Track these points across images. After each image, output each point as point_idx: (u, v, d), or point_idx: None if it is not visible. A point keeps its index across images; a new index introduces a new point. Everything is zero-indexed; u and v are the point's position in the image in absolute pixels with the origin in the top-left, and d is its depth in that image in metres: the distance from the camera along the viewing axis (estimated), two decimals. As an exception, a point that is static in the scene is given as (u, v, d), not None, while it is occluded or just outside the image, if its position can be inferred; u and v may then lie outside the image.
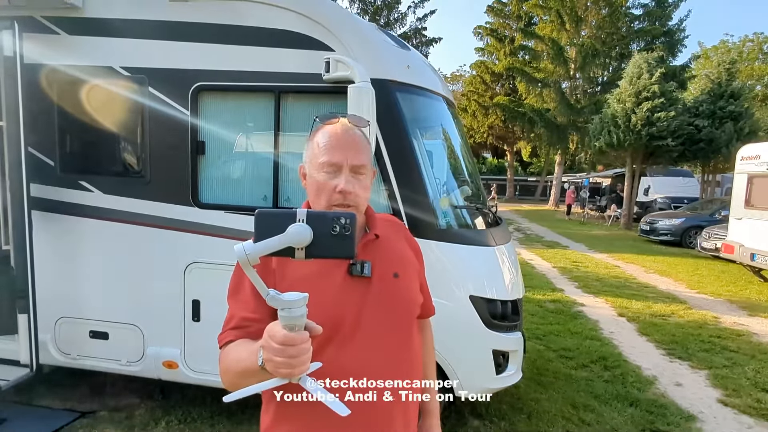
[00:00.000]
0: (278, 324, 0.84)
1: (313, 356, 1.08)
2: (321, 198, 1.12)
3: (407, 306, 1.21)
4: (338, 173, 1.10)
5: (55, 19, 2.96)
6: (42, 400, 3.37)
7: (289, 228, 0.82)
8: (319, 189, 1.12)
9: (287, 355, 0.83)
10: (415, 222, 2.76)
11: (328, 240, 0.85)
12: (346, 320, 1.10)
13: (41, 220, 3.04)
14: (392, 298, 1.17)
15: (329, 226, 0.85)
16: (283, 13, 2.78)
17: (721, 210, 12.82)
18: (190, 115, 2.90)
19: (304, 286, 1.09)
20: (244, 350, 0.99)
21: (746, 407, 3.78)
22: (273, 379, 0.88)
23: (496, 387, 2.98)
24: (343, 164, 1.11)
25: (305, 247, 0.84)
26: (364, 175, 1.15)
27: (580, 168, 35.10)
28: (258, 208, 0.87)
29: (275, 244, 0.82)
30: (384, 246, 1.21)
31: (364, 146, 1.17)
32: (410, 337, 1.21)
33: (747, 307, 6.96)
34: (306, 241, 0.83)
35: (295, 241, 0.82)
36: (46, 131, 3.04)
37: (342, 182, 1.10)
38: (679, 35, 25.78)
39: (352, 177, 1.11)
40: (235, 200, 3.01)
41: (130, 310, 3.08)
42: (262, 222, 0.85)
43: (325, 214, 0.87)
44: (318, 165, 1.12)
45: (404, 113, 2.83)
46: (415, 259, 1.30)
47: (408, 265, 1.26)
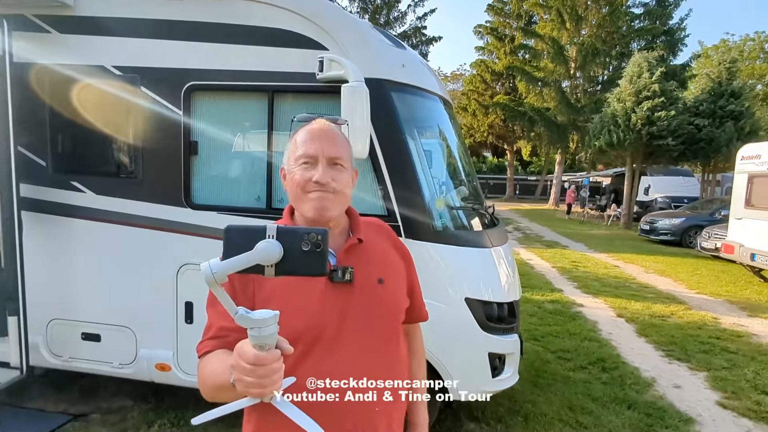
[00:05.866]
0: (249, 343, 0.81)
1: (294, 363, 1.06)
2: (299, 194, 1.11)
3: (391, 312, 1.19)
4: (314, 165, 1.10)
5: (45, 17, 2.92)
6: (34, 403, 3.34)
7: (258, 245, 0.80)
8: (296, 185, 1.11)
9: (258, 375, 0.81)
10: (410, 223, 2.72)
11: (299, 256, 0.82)
12: (328, 328, 1.08)
13: (32, 221, 3.00)
14: (376, 304, 1.14)
15: (300, 242, 0.82)
16: (277, 11, 2.75)
17: (721, 210, 12.78)
18: (183, 114, 2.86)
19: (283, 294, 1.07)
20: (219, 364, 0.96)
21: (745, 410, 3.74)
22: (244, 399, 0.86)
23: (492, 390, 2.94)
24: (319, 155, 1.10)
25: (275, 264, 0.81)
26: (343, 168, 1.13)
27: (581, 167, 35.02)
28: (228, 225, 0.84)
29: (243, 262, 0.79)
30: (368, 251, 1.18)
31: (341, 141, 1.16)
32: (394, 344, 1.19)
33: (747, 307, 6.93)
34: (275, 258, 0.80)
35: (264, 258, 0.80)
36: (37, 131, 3.00)
37: (318, 173, 1.09)
38: (680, 34, 25.79)
39: (329, 168, 1.10)
40: (228, 201, 2.97)
41: (123, 312, 3.04)
42: (231, 238, 0.82)
43: (297, 229, 0.84)
44: (295, 160, 1.12)
45: (399, 113, 2.79)
46: (402, 264, 1.27)
47: (393, 271, 1.23)
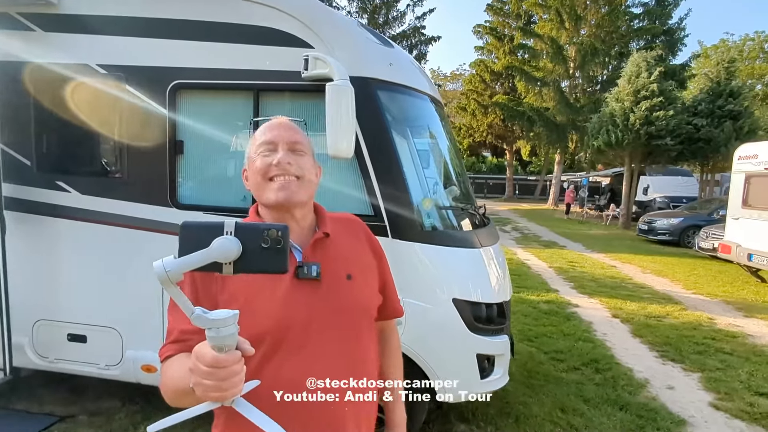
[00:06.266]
0: (207, 344, 0.78)
1: (259, 364, 1.03)
2: (261, 182, 1.11)
3: (361, 309, 1.16)
4: (275, 151, 1.11)
5: (30, 15, 2.89)
6: (20, 404, 3.31)
7: (214, 242, 0.75)
8: (257, 172, 1.11)
9: (217, 378, 0.78)
10: (397, 223, 2.68)
11: (258, 253, 0.78)
12: (294, 326, 1.05)
13: (17, 221, 2.98)
14: (344, 300, 1.12)
15: (260, 239, 0.78)
16: (263, 9, 2.72)
17: (719, 209, 12.73)
18: (168, 113, 2.83)
19: (247, 293, 1.05)
20: (179, 368, 0.93)
21: (738, 411, 3.71)
22: (203, 404, 0.83)
23: (481, 391, 2.89)
24: (279, 141, 1.11)
25: (233, 262, 0.77)
26: (304, 153, 1.14)
27: (580, 167, 34.99)
28: (184, 221, 0.80)
29: (199, 260, 0.75)
30: (336, 246, 1.16)
31: (301, 133, 1.17)
32: (364, 341, 1.16)
33: (743, 308, 6.90)
34: (233, 256, 0.76)
35: (221, 255, 0.75)
36: (22, 130, 2.97)
37: (279, 155, 1.10)
38: (679, 34, 25.74)
39: (290, 153, 1.11)
40: (213, 201, 2.94)
41: (108, 312, 3.01)
42: (187, 235, 0.77)
43: (256, 225, 0.80)
44: (255, 150, 1.13)
45: (386, 111, 2.76)
46: (373, 259, 1.25)
47: (364, 266, 1.21)
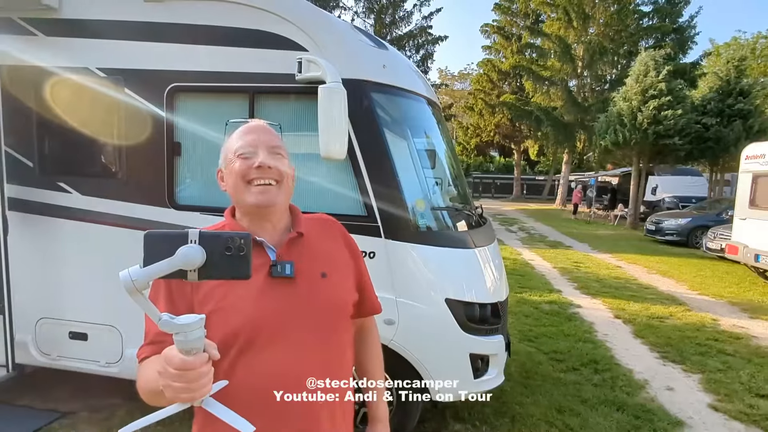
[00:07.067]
0: (175, 348, 0.81)
1: (234, 359, 1.06)
2: (240, 185, 1.12)
3: (336, 306, 1.19)
4: (255, 154, 1.11)
5: (32, 20, 2.96)
6: (23, 400, 3.38)
7: (179, 250, 0.78)
8: (237, 175, 1.11)
9: (186, 380, 0.81)
10: (390, 223, 2.71)
11: (221, 261, 0.81)
12: (267, 324, 1.08)
13: (19, 222, 3.05)
14: (318, 298, 1.15)
15: (223, 247, 0.81)
16: (257, 13, 2.76)
17: (728, 210, 12.57)
18: (166, 115, 2.88)
19: (221, 293, 1.08)
20: (153, 370, 0.96)
21: (737, 413, 3.69)
22: (173, 405, 0.86)
23: (475, 391, 2.91)
24: (259, 144, 1.12)
25: (198, 269, 0.80)
26: (283, 157, 1.15)
27: (589, 167, 34.74)
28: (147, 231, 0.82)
29: (164, 268, 0.78)
30: (310, 245, 1.19)
31: (279, 137, 1.18)
32: (338, 337, 1.19)
33: (749, 309, 6.83)
34: (197, 263, 0.79)
35: (186, 263, 0.79)
36: (24, 132, 3.05)
37: (260, 158, 1.10)
38: (690, 32, 25.39)
39: (270, 156, 1.12)
40: (210, 202, 2.97)
41: (108, 311, 3.06)
42: (151, 244, 0.80)
43: (219, 234, 0.83)
44: (233, 152, 1.13)
45: (379, 113, 2.79)
46: (350, 258, 1.27)
47: (339, 265, 1.23)
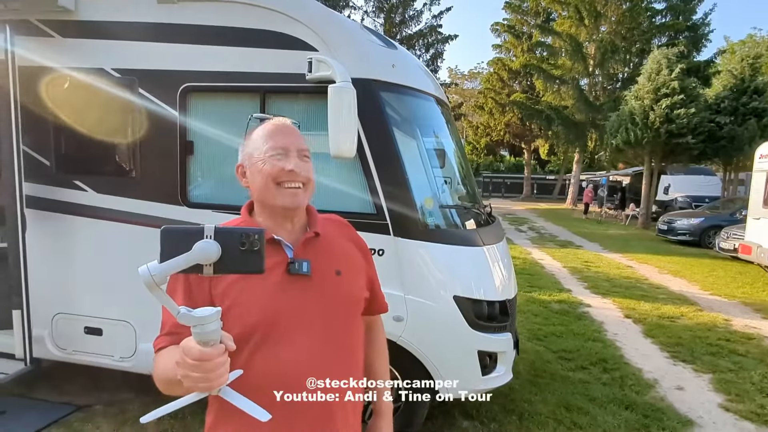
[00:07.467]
0: (193, 340, 0.83)
1: (251, 353, 1.09)
2: (271, 186, 1.13)
3: (349, 302, 1.22)
4: (286, 156, 1.13)
5: (48, 22, 3.02)
6: (40, 393, 3.46)
7: (196, 245, 0.81)
8: (268, 176, 1.13)
9: (203, 370, 0.83)
10: (399, 222, 2.74)
11: (236, 255, 0.84)
12: (284, 317, 1.11)
13: (37, 219, 3.12)
14: (333, 294, 1.17)
15: (238, 242, 0.84)
16: (268, 14, 2.80)
17: (742, 209, 12.37)
18: (179, 115, 2.94)
19: (239, 288, 1.11)
20: (170, 360, 0.98)
21: (748, 413, 3.67)
22: (191, 395, 0.89)
23: (483, 388, 2.94)
24: (290, 147, 1.14)
25: (213, 264, 0.83)
26: (309, 160, 1.18)
27: (600, 166, 34.45)
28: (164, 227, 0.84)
29: (182, 263, 0.81)
30: (325, 244, 1.21)
31: (305, 140, 1.19)
32: (352, 333, 1.22)
33: (762, 309, 6.75)
34: (213, 258, 0.82)
35: (202, 258, 0.81)
36: (41, 132, 3.11)
37: (292, 163, 1.12)
38: (704, 30, 25.05)
39: (299, 159, 1.14)
40: (223, 199, 3.02)
41: (123, 307, 3.13)
42: (168, 240, 0.82)
43: (234, 230, 0.86)
44: (263, 152, 1.14)
45: (388, 112, 2.82)
46: (361, 257, 1.30)
47: (352, 263, 1.26)
